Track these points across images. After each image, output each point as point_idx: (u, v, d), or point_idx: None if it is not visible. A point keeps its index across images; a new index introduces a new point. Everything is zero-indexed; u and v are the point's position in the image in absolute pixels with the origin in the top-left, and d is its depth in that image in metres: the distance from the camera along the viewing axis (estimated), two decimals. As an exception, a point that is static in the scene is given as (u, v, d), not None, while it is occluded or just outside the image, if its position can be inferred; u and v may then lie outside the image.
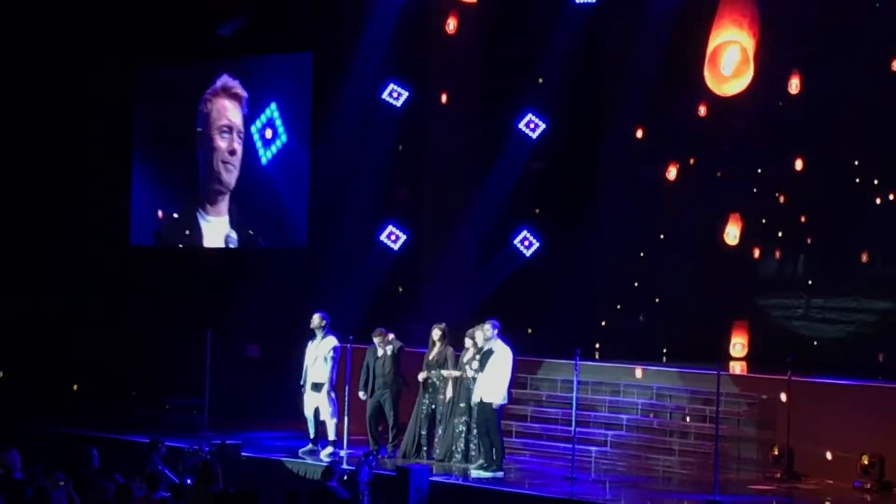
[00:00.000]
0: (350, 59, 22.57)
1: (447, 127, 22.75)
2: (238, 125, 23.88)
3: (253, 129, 23.56)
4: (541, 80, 21.91)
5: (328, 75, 22.80)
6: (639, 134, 21.92)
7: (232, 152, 23.92)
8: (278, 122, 23.32)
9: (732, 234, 21.25)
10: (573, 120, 22.00)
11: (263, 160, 23.49)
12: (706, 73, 20.12)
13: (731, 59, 19.65)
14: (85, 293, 24.62)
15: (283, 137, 23.33)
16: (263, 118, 23.50)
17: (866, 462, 16.85)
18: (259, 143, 23.55)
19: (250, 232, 23.67)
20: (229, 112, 23.96)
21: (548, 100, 21.84)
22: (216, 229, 24.06)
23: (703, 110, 21.28)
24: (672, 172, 21.80)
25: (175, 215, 24.64)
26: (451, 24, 22.50)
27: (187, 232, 24.37)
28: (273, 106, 23.38)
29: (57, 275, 24.84)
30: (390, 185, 22.94)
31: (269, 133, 23.43)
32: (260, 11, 23.15)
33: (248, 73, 23.82)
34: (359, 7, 22.39)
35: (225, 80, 24.02)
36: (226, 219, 23.98)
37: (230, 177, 23.97)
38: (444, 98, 22.75)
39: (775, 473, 17.49)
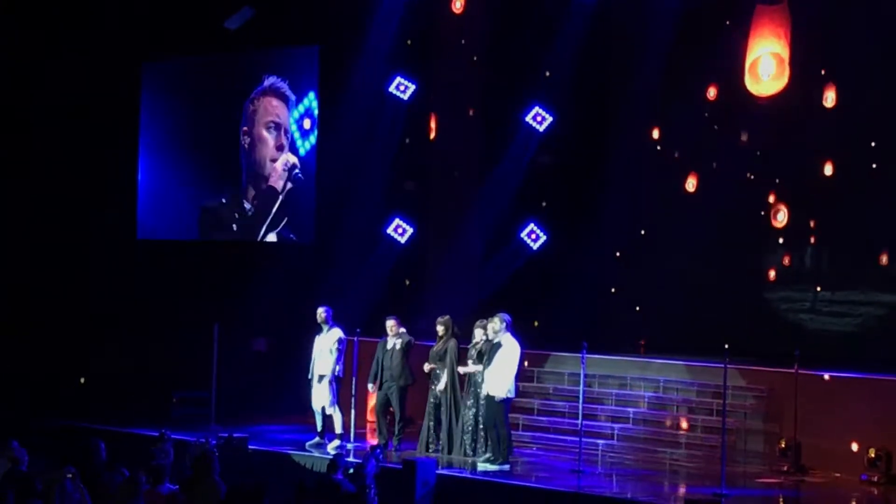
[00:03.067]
0: (357, 53, 22.57)
1: (454, 120, 22.73)
2: (285, 124, 23.87)
3: (290, 119, 23.48)
4: (548, 74, 21.90)
5: (335, 69, 22.80)
6: (647, 129, 21.88)
7: (280, 147, 23.91)
8: (317, 113, 23.15)
9: (744, 227, 21.23)
10: (580, 113, 21.97)
11: (301, 151, 23.40)
12: (746, 78, 20.34)
13: (768, 66, 20.12)
14: (92, 287, 24.67)
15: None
16: (301, 108, 23.38)
17: (873, 455, 16.85)
18: (297, 134, 23.43)
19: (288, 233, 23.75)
20: (277, 110, 23.98)
21: (555, 93, 21.82)
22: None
23: (712, 104, 21.25)
24: (680, 165, 21.76)
25: (223, 200, 24.62)
26: (459, 4, 22.43)
27: (237, 215, 24.38)
28: (311, 95, 23.24)
29: (64, 268, 24.89)
30: (397, 178, 22.94)
31: (307, 123, 23.30)
32: (267, 4, 23.13)
33: (277, 65, 23.78)
34: (366, 0, 22.38)
35: (273, 80, 24.04)
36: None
37: (276, 177, 24.00)
38: (450, 91, 22.72)
39: (782, 466, 17.49)
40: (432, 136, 22.69)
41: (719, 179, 21.27)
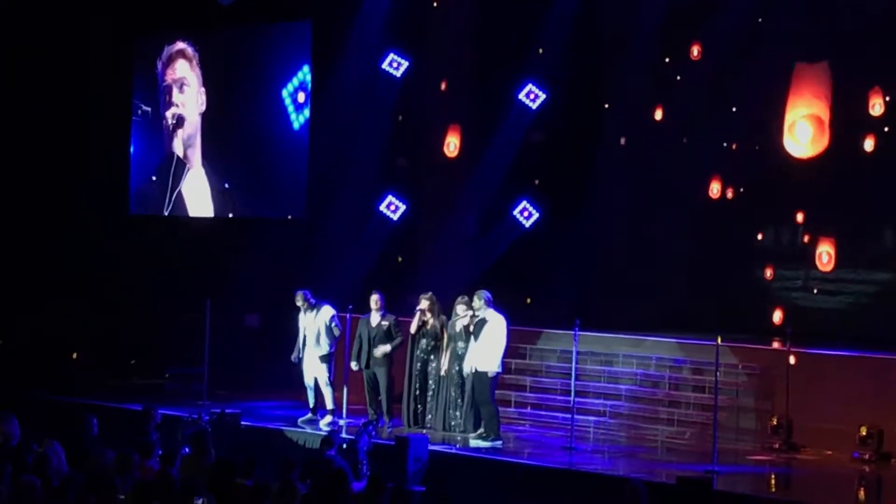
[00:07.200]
0: (350, 29, 22.50)
1: (447, 97, 22.66)
2: (181, 78, 24.07)
3: (284, 92, 23.31)
4: (541, 51, 21.83)
5: (328, 44, 22.73)
6: (640, 105, 21.82)
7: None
8: (311, 87, 23.03)
9: (733, 204, 21.21)
10: (573, 90, 21.91)
11: (296, 125, 23.29)
12: (785, 138, 20.55)
13: (807, 129, 20.45)
14: (84, 262, 24.63)
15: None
16: (296, 81, 23.22)
17: (864, 433, 16.86)
18: (291, 108, 23.30)
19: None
20: (177, 72, 24.23)
21: (548, 70, 21.76)
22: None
23: (703, 74, 21.21)
24: (674, 142, 21.69)
25: (154, 178, 24.70)
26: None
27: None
28: (306, 69, 23.12)
29: (56, 243, 24.83)
30: (390, 155, 22.88)
31: (301, 97, 23.20)
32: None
33: (273, 37, 23.67)
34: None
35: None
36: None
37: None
38: (444, 68, 22.64)
39: (774, 444, 17.52)
40: (455, 153, 22.53)
41: (713, 155, 21.22)
